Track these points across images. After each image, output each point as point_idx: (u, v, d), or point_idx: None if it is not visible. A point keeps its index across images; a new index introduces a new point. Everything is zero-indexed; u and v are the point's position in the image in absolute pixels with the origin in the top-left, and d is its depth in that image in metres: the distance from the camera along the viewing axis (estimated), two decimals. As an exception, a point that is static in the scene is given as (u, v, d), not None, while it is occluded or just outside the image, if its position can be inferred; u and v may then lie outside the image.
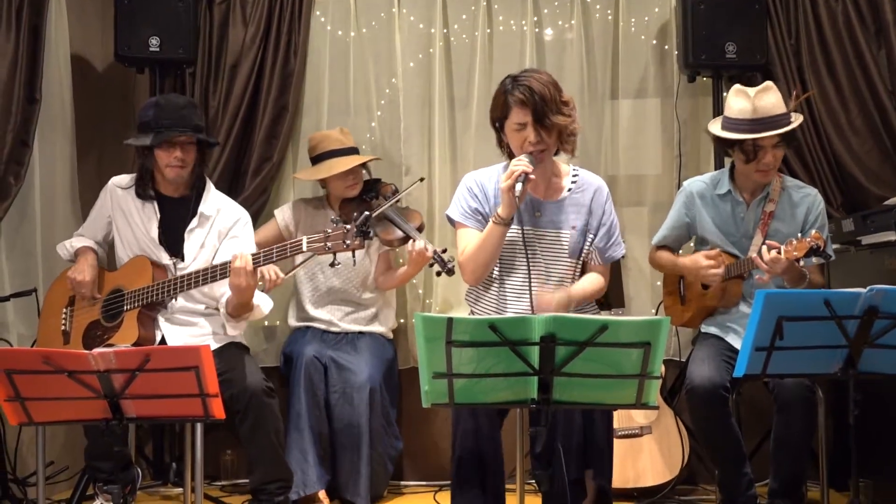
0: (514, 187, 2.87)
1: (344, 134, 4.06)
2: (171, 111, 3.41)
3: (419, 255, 3.73)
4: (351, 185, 4.00)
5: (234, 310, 3.36)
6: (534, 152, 2.93)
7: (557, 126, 2.95)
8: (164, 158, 3.40)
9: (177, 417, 2.78)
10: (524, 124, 2.94)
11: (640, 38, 4.38)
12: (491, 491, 2.84)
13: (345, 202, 4.01)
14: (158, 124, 3.38)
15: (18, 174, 3.81)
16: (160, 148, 3.39)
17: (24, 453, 3.82)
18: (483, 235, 3.01)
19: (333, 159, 3.98)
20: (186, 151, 3.42)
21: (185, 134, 3.38)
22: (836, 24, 4.16)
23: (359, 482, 3.76)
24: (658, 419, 3.89)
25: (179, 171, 3.43)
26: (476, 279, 3.07)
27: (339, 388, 3.82)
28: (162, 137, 3.36)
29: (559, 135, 2.98)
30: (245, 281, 3.16)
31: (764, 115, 3.25)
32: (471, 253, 3.03)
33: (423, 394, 2.33)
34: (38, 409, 2.56)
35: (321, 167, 4.00)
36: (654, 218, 4.26)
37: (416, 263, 3.81)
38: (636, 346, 2.25)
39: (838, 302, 2.47)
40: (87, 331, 3.45)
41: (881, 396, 3.16)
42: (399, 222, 3.84)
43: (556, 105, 2.94)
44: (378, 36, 4.40)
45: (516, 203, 2.90)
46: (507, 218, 2.94)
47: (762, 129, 3.25)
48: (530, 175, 2.88)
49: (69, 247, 3.59)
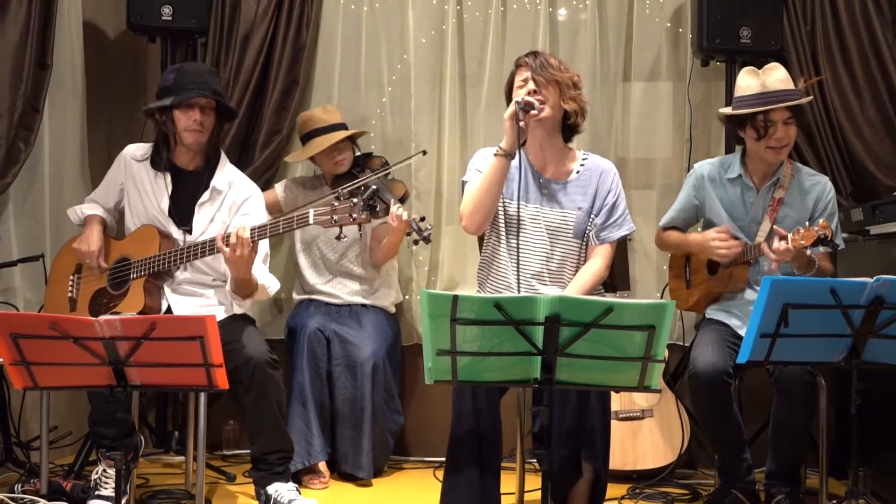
0: (517, 115, 2.93)
1: (327, 112, 4.07)
2: (194, 75, 3.43)
3: (395, 220, 3.69)
4: (338, 161, 4.01)
5: (236, 287, 3.36)
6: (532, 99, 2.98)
7: (556, 80, 3.01)
8: (184, 121, 3.40)
9: (181, 386, 2.79)
10: (526, 79, 3.04)
11: (655, 20, 4.35)
12: (488, 469, 2.85)
13: (336, 178, 4.02)
14: (180, 87, 3.39)
15: (28, 140, 3.82)
16: (180, 110, 3.39)
17: (28, 418, 3.85)
18: (485, 172, 3.02)
19: (318, 137, 3.99)
20: (206, 115, 3.41)
21: (206, 96, 3.39)
22: (852, 11, 4.13)
23: (360, 455, 3.79)
24: (660, 403, 3.90)
25: (198, 135, 3.42)
26: (475, 222, 3.05)
27: (342, 362, 3.84)
28: (182, 98, 3.37)
29: (559, 93, 3.02)
30: (239, 251, 3.15)
31: (773, 89, 3.27)
32: (471, 193, 3.05)
33: (427, 370, 2.33)
34: (43, 374, 2.57)
35: (307, 147, 4.03)
36: (662, 201, 4.25)
37: (395, 230, 3.78)
38: (641, 328, 2.25)
39: (844, 291, 2.47)
40: (94, 298, 3.46)
41: (883, 386, 3.16)
42: (381, 192, 3.78)
43: (557, 69, 3.04)
44: (391, 11, 4.39)
45: (518, 134, 2.95)
46: (510, 150, 2.97)
47: (772, 102, 3.25)
48: (533, 105, 2.95)
49: (79, 212, 3.59)
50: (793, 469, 3.22)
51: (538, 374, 2.33)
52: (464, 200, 3.10)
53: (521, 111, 2.94)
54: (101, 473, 3.29)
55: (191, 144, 3.45)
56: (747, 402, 3.66)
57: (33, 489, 3.37)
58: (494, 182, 3.00)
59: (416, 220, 3.64)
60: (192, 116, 3.39)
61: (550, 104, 3.02)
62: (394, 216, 3.69)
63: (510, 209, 3.08)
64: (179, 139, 3.46)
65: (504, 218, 3.10)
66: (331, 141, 3.96)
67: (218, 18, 4.24)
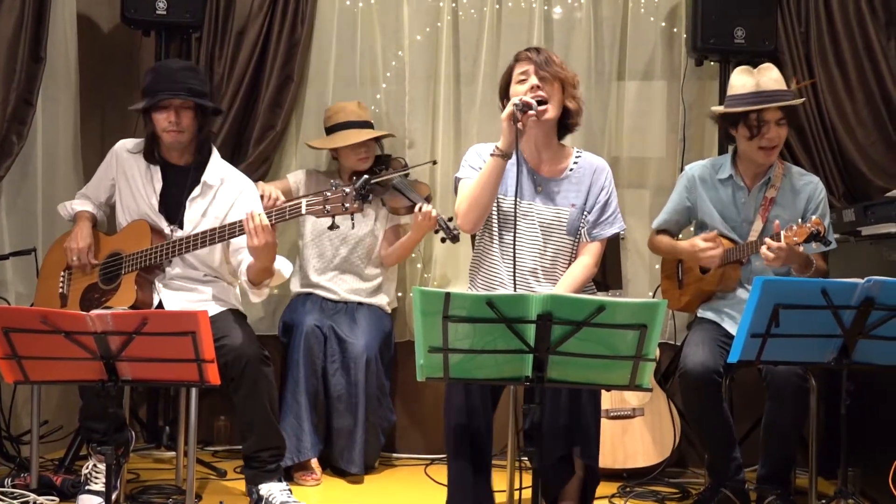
0: (514, 115, 2.91)
1: (361, 108, 4.10)
2: (166, 75, 3.41)
3: (425, 218, 3.75)
4: (363, 158, 4.02)
5: (256, 275, 3.32)
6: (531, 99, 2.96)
7: (560, 78, 3.01)
8: (160, 122, 3.38)
9: (172, 382, 2.80)
10: (526, 72, 3.02)
11: (650, 19, 4.36)
12: (480, 466, 2.86)
13: (354, 174, 4.01)
14: (154, 88, 3.38)
15: (21, 133, 3.80)
16: (156, 111, 3.38)
17: (19, 412, 3.84)
18: (481, 171, 3.02)
19: (348, 130, 4.00)
20: (180, 115, 3.38)
21: (177, 97, 3.36)
22: (846, 13, 4.14)
23: (353, 450, 3.79)
24: (651, 402, 3.91)
25: (176, 135, 3.39)
26: (470, 220, 3.06)
27: (338, 358, 3.84)
28: (153, 101, 3.35)
29: (562, 91, 3.01)
30: (263, 239, 3.10)
31: (767, 88, 3.28)
32: (467, 191, 3.05)
33: (419, 367, 2.34)
34: (34, 368, 2.56)
35: (335, 137, 4.03)
36: (655, 201, 4.25)
37: (421, 228, 3.83)
38: (632, 327, 2.26)
39: (835, 292, 2.47)
40: (85, 293, 3.45)
41: (872, 386, 3.17)
42: (406, 191, 3.90)
43: (559, 66, 3.03)
44: (386, 7, 4.38)
45: (516, 134, 2.93)
46: (507, 150, 2.96)
47: (766, 102, 3.26)
48: (531, 106, 2.93)
49: (70, 208, 3.58)
50: (784, 471, 3.23)
51: (530, 372, 2.34)
52: (459, 199, 3.09)
53: (518, 112, 2.92)
54: (92, 468, 3.29)
55: (170, 144, 3.43)
56: (738, 402, 3.67)
57: (23, 483, 3.37)
58: (491, 181, 2.99)
59: (443, 218, 3.68)
60: (167, 118, 3.37)
61: (554, 101, 3.01)
62: (424, 214, 3.74)
63: (503, 206, 3.08)
64: (160, 139, 3.46)
65: (497, 214, 3.10)
66: (362, 137, 3.98)
67: (213, 13, 4.22)
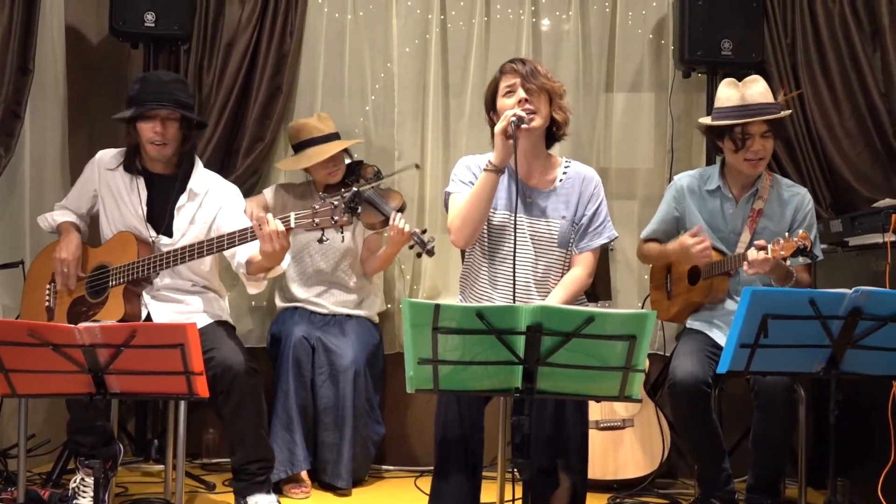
0: (507, 130, 2.89)
1: (322, 120, 4.05)
2: (155, 85, 3.40)
3: (397, 234, 3.67)
4: (332, 172, 4.00)
5: (256, 269, 3.31)
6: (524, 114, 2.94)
7: (546, 89, 2.99)
8: (146, 133, 3.38)
9: (161, 394, 2.78)
10: (513, 85, 2.99)
11: (637, 31, 4.38)
12: (470, 478, 2.85)
13: (329, 187, 4.00)
14: (141, 98, 3.37)
15: (9, 145, 3.79)
16: (142, 122, 3.37)
17: (6, 425, 3.82)
18: (474, 187, 3.00)
19: (314, 148, 3.97)
20: (167, 126, 3.37)
21: (165, 108, 3.35)
22: (832, 24, 4.17)
23: (340, 464, 3.77)
24: (640, 412, 3.91)
25: (161, 148, 3.39)
26: (464, 237, 3.03)
27: (326, 370, 3.83)
28: (141, 111, 3.35)
29: (549, 103, 3.00)
30: (279, 244, 3.04)
31: (752, 102, 3.30)
32: (459, 206, 3.02)
33: (408, 379, 2.33)
34: (21, 382, 2.55)
35: (302, 156, 4.00)
36: (644, 212, 4.27)
37: (395, 242, 3.75)
38: (622, 338, 2.26)
39: (823, 302, 2.48)
40: (72, 307, 3.42)
41: (861, 396, 3.18)
42: (377, 203, 3.75)
43: (544, 77, 3.00)
44: (375, 19, 4.39)
45: (510, 149, 2.90)
46: (500, 165, 2.95)
47: (750, 115, 3.28)
48: (524, 120, 2.91)
49: (51, 219, 3.56)
50: (774, 481, 3.23)
51: (520, 384, 2.34)
52: (451, 214, 3.07)
53: (512, 127, 2.89)
54: (80, 482, 3.27)
55: (155, 156, 3.43)
56: (727, 412, 3.68)
57: (10, 497, 3.34)
58: (484, 197, 2.98)
59: (417, 232, 3.61)
60: (153, 128, 3.36)
61: (542, 113, 3.00)
62: (396, 229, 3.65)
63: (493, 219, 3.07)
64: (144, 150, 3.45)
65: (487, 227, 3.09)
66: (327, 153, 3.94)
67: (201, 25, 4.22)
